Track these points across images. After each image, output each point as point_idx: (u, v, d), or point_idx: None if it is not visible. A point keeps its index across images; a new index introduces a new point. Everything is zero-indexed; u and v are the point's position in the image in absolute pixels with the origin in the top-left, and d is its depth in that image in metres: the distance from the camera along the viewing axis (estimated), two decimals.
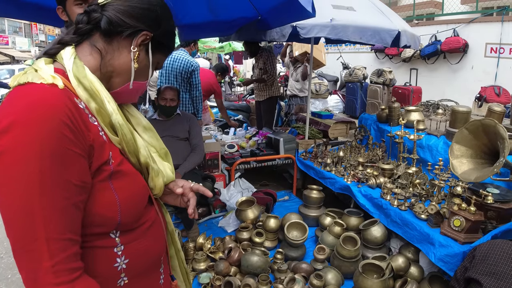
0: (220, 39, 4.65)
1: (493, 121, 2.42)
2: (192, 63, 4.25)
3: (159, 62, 1.05)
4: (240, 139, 4.99)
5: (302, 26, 3.13)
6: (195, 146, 3.42)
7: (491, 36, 7.06)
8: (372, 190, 3.11)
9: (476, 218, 2.19)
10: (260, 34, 3.49)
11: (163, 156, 1.15)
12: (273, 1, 2.92)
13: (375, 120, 4.48)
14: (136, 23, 0.94)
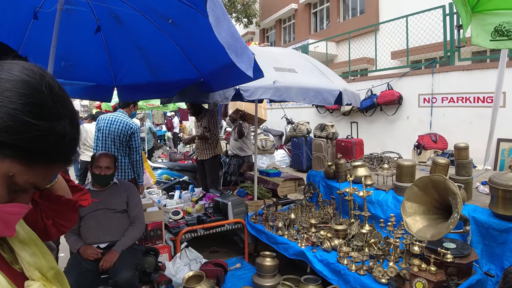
0: (162, 101, 4.52)
1: (442, 177, 2.43)
2: (132, 125, 4.04)
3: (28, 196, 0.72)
4: (186, 203, 4.73)
5: (246, 89, 3.09)
6: (134, 219, 3.11)
7: (423, 87, 7.66)
8: (328, 254, 2.97)
9: (438, 279, 2.11)
10: (202, 97, 3.41)
11: (52, 279, 0.77)
12: (215, 64, 2.89)
13: (323, 176, 4.45)
14: None
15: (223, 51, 2.56)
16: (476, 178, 3.68)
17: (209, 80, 3.26)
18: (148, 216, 3.52)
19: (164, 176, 5.95)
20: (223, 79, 3.04)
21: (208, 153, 5.46)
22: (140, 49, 2.98)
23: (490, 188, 2.70)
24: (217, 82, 3.19)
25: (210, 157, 5.45)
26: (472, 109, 6.85)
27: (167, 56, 3.07)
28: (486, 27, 1.82)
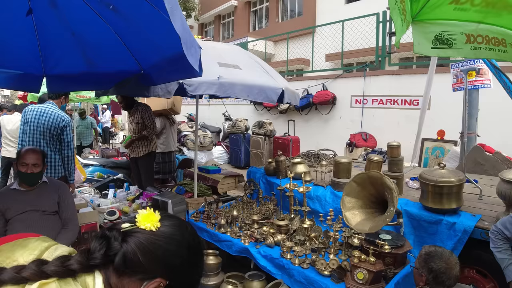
0: (97, 93, 4.22)
1: (379, 173, 2.58)
2: (64, 118, 3.74)
3: None
4: (122, 202, 4.48)
5: (190, 83, 3.01)
6: (67, 221, 2.87)
7: (355, 89, 8.09)
8: (271, 249, 3.00)
9: (377, 268, 2.24)
10: (142, 90, 3.25)
11: None
12: (158, 56, 2.76)
13: (263, 173, 4.50)
14: (153, 266, 0.84)
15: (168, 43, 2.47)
16: (406, 174, 3.95)
17: (151, 73, 3.11)
18: (82, 218, 3.27)
19: (97, 174, 5.59)
20: (166, 73, 2.92)
21: (142, 150, 5.21)
22: (75, 36, 2.74)
23: (420, 184, 2.93)
24: (159, 76, 3.05)
25: (144, 154, 5.21)
26: (399, 110, 7.39)
27: (104, 45, 2.86)
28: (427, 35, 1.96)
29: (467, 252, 2.68)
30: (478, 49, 2.12)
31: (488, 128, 5.49)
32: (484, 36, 2.10)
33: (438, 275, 1.89)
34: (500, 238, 2.26)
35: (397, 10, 1.84)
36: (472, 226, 2.63)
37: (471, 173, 4.16)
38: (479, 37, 2.10)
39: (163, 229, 0.89)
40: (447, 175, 2.77)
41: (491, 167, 4.49)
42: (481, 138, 5.18)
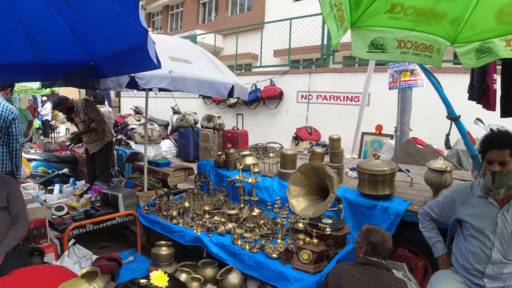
0: (43, 84, 4.05)
1: (321, 164, 2.81)
2: (12, 110, 3.57)
3: None
4: (69, 197, 4.38)
5: (141, 77, 3.04)
6: (17, 217, 2.77)
7: (301, 85, 8.44)
8: (222, 237, 3.15)
9: (320, 249, 2.48)
10: (91, 82, 3.23)
11: None
12: (109, 49, 2.78)
13: (213, 165, 4.61)
14: None
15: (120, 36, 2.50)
16: (346, 164, 4.27)
17: (101, 64, 3.11)
18: (30, 213, 3.13)
19: (41, 169, 5.37)
20: (117, 65, 2.93)
21: (98, 144, 5.09)
22: (23, 24, 2.65)
23: (358, 173, 3.22)
24: (110, 68, 3.06)
25: (101, 147, 5.10)
26: (342, 106, 7.84)
27: (53, 35, 2.80)
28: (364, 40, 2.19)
29: (400, 233, 3.00)
30: (406, 53, 2.39)
31: (420, 123, 6.02)
32: (413, 42, 2.38)
33: (375, 247, 2.16)
34: (427, 219, 2.58)
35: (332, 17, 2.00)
36: (403, 209, 2.95)
37: (404, 163, 4.57)
38: (408, 42, 2.37)
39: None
40: (381, 164, 3.07)
41: (422, 158, 4.95)
42: (414, 132, 5.68)
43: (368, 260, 2.17)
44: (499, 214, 2.19)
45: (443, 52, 2.50)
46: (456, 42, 2.55)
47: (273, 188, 3.73)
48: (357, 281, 2.08)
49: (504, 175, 2.10)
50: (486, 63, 2.56)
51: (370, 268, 2.13)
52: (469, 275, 2.29)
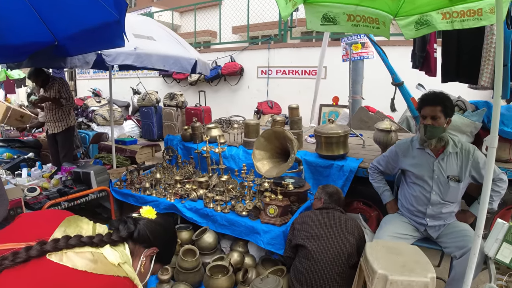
0: (9, 66, 4.01)
1: (282, 129, 3.10)
2: None
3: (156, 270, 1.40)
4: (39, 179, 4.41)
5: (108, 54, 3.14)
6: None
7: (260, 60, 8.65)
8: (195, 202, 3.38)
9: (285, 204, 2.79)
10: (58, 61, 3.28)
11: None
12: (74, 27, 2.84)
13: (180, 140, 4.78)
14: (153, 239, 1.31)
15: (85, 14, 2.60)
16: (305, 132, 4.60)
17: (66, 44, 3.16)
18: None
19: (6, 155, 5.27)
20: (82, 43, 3.00)
21: (61, 125, 5.05)
22: None
23: (315, 136, 3.54)
24: (75, 46, 3.12)
25: (63, 129, 5.05)
26: (300, 80, 8.17)
27: (15, 14, 2.82)
28: (316, 14, 2.44)
29: (354, 188, 3.37)
30: (357, 26, 2.68)
31: (372, 92, 6.45)
32: (361, 16, 2.67)
33: (332, 195, 2.54)
34: (376, 172, 2.95)
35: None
36: (356, 166, 3.31)
37: (358, 129, 4.97)
38: (357, 16, 2.66)
39: (157, 219, 1.37)
40: (336, 128, 3.41)
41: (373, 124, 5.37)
42: (366, 100, 6.10)
43: (326, 206, 2.52)
44: (435, 162, 2.57)
45: (388, 24, 2.81)
46: (398, 16, 2.87)
47: (239, 156, 3.99)
48: (319, 222, 2.43)
49: (434, 128, 2.47)
50: (424, 34, 2.91)
51: (328, 211, 2.49)
52: (414, 216, 2.68)
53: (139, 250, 1.29)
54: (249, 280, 2.66)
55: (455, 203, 2.60)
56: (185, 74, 9.71)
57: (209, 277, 2.57)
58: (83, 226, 1.19)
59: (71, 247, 1.06)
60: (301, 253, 2.52)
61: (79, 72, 13.56)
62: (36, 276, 0.99)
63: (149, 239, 1.30)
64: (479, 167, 2.51)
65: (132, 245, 1.24)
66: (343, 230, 2.49)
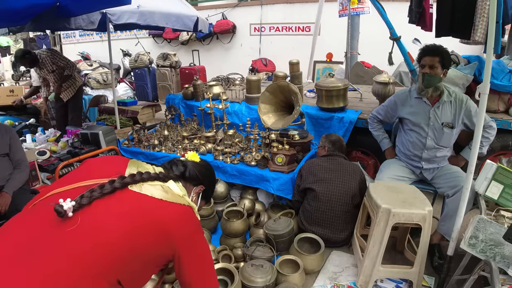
0: (11, 30, 3.98)
1: (286, 82, 3.25)
2: None
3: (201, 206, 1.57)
4: (45, 144, 4.50)
5: (113, 13, 3.18)
6: (19, 162, 2.93)
7: (253, 17, 8.59)
8: (205, 156, 3.56)
9: (291, 153, 3.00)
10: (61, 22, 3.30)
11: None
12: None
13: (181, 98, 4.87)
14: (200, 178, 1.50)
15: None
16: (304, 87, 4.74)
17: (68, 4, 3.16)
18: None
19: (8, 122, 5.33)
20: (85, 2, 3.02)
21: (72, 90, 4.98)
22: None
23: (316, 90, 3.70)
24: (78, 6, 3.12)
25: (72, 95, 5.02)
26: (294, 37, 8.19)
27: None
28: None
29: (354, 138, 3.59)
30: None
31: (367, 47, 6.53)
32: None
33: (335, 143, 2.75)
34: (375, 121, 3.15)
35: None
36: (355, 118, 3.51)
37: (354, 83, 5.12)
38: None
39: (201, 162, 1.57)
40: (335, 82, 3.57)
41: (369, 78, 5.54)
42: (362, 56, 6.21)
43: (330, 153, 2.74)
44: (431, 111, 2.77)
45: None
46: None
47: (242, 112, 4.13)
48: (324, 167, 2.66)
49: (432, 76, 2.64)
50: None
51: (332, 158, 2.72)
52: (410, 160, 2.91)
53: (190, 188, 1.47)
54: (261, 223, 2.92)
55: (448, 148, 2.83)
56: (176, 33, 9.59)
57: (226, 221, 2.81)
58: (146, 167, 1.37)
59: (145, 180, 1.25)
60: (309, 196, 2.76)
61: (65, 36, 13.21)
62: (123, 203, 1.19)
63: (198, 178, 1.49)
64: (471, 115, 2.71)
65: (183, 183, 1.42)
66: (346, 174, 2.73)
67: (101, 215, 1.15)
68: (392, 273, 2.47)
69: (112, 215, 1.16)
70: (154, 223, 1.19)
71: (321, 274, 2.60)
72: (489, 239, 2.00)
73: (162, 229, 1.20)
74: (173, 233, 1.22)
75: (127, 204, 1.19)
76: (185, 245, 1.26)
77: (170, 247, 1.23)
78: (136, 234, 1.15)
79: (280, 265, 2.45)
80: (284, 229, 2.68)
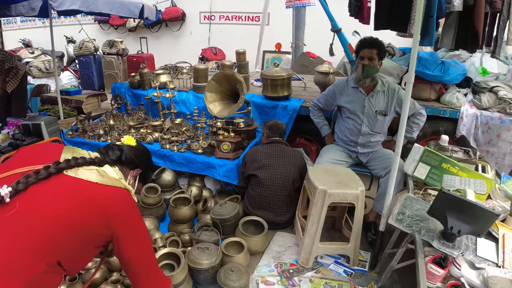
0: None
1: (232, 71, 3.34)
2: None
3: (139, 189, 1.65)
4: None
5: None
6: None
7: (203, 5, 8.55)
8: (151, 145, 3.56)
9: (237, 140, 3.11)
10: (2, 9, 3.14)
11: None
12: None
13: (128, 87, 4.78)
14: (136, 161, 1.56)
15: None
16: (251, 76, 4.85)
17: None
18: None
19: None
20: None
21: (16, 80, 4.57)
22: None
23: (262, 79, 3.82)
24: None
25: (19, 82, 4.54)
26: (243, 26, 8.26)
27: None
28: None
29: (298, 125, 3.75)
30: None
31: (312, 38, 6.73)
32: None
33: (271, 127, 2.95)
34: (316, 109, 3.33)
35: None
36: (298, 106, 3.68)
37: (299, 73, 5.30)
38: None
39: (137, 145, 1.63)
40: (280, 71, 3.71)
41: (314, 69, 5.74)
42: (307, 47, 6.40)
43: (271, 140, 2.89)
44: (366, 99, 2.98)
45: None
46: None
47: (189, 101, 4.16)
48: (266, 154, 2.79)
49: (370, 67, 2.85)
50: None
51: (274, 144, 2.87)
52: (347, 145, 3.12)
53: (126, 172, 1.52)
54: (208, 209, 3.01)
55: (382, 134, 3.07)
56: (123, 19, 9.30)
57: (173, 208, 2.87)
58: (81, 152, 1.40)
59: (81, 165, 1.29)
60: (253, 182, 2.89)
61: (5, 22, 12.33)
62: (59, 188, 1.23)
63: (134, 162, 1.54)
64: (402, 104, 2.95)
65: (120, 167, 1.47)
66: (287, 159, 2.89)
67: (37, 200, 1.18)
68: (330, 249, 2.67)
69: (48, 199, 1.20)
70: (90, 201, 1.24)
71: (265, 254, 2.75)
72: (415, 214, 2.20)
73: (98, 207, 1.25)
74: (110, 212, 1.28)
75: (62, 188, 1.23)
76: (122, 225, 1.32)
77: (107, 226, 1.28)
78: (72, 213, 1.20)
79: (225, 247, 2.56)
80: (230, 213, 2.79)
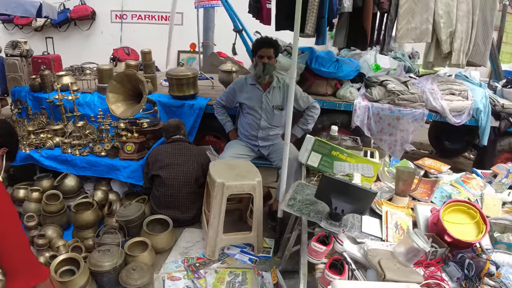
0: None
1: (133, 71, 3.35)
2: None
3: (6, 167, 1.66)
4: None
5: None
6: None
7: (114, 4, 8.28)
8: (52, 151, 3.40)
9: (141, 140, 3.16)
10: None
11: None
12: None
13: (28, 90, 4.50)
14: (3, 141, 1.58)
15: None
16: (161, 77, 4.85)
17: None
18: None
19: None
20: None
21: None
22: None
23: (168, 79, 3.86)
24: None
25: None
26: (156, 26, 8.17)
27: None
28: None
29: (206, 123, 3.85)
30: None
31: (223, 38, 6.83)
32: None
33: (167, 128, 3.05)
34: (219, 107, 3.45)
35: None
36: (204, 104, 3.78)
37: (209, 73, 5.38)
38: None
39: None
40: (185, 70, 3.78)
41: None
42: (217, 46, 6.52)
43: (173, 138, 2.96)
44: (263, 96, 3.16)
45: None
46: None
47: (94, 103, 4.02)
48: (168, 153, 2.87)
49: (270, 65, 3.04)
50: None
51: (176, 143, 2.95)
52: (249, 140, 3.29)
53: None
54: (114, 212, 2.98)
55: (280, 127, 3.28)
56: (29, 19, 8.67)
57: (75, 213, 2.79)
58: None
59: None
60: (156, 182, 2.95)
61: None
62: None
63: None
64: (297, 98, 3.19)
65: None
66: (189, 157, 2.99)
67: None
68: (234, 239, 2.81)
69: None
70: None
71: (173, 251, 2.81)
72: (306, 199, 2.38)
73: None
74: None
75: None
76: None
77: None
78: None
79: (130, 247, 2.57)
80: (135, 214, 2.80)
